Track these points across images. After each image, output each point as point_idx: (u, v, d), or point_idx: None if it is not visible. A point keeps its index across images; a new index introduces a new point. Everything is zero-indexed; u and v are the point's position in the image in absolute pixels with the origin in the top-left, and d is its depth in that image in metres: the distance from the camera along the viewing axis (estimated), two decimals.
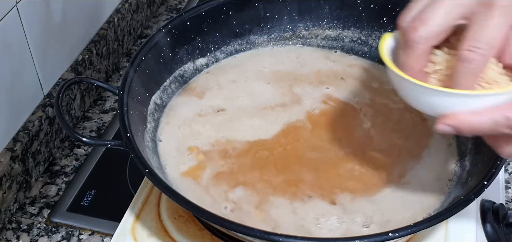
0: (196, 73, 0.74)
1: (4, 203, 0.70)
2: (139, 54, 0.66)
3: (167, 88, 0.70)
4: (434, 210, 0.58)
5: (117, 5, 0.95)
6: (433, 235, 0.59)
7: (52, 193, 0.75)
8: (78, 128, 0.84)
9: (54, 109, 0.60)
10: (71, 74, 0.83)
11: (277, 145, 0.65)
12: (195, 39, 0.73)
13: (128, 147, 0.56)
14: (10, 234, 0.71)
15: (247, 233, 0.50)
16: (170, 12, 1.08)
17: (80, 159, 0.80)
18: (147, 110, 0.66)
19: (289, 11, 0.77)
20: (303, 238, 0.50)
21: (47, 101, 0.78)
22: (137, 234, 0.60)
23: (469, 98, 0.47)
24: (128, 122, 0.59)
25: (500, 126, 0.46)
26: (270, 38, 0.78)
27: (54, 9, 0.78)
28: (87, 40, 0.88)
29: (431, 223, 0.51)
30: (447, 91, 0.47)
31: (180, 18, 0.71)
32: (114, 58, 0.94)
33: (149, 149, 0.62)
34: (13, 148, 0.71)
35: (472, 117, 0.47)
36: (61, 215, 0.72)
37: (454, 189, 0.60)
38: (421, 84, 0.48)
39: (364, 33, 0.76)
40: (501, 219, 0.59)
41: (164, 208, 0.62)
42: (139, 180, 0.66)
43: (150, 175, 0.54)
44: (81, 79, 0.68)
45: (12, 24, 0.71)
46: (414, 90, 0.49)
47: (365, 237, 0.49)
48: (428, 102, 0.49)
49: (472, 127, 0.47)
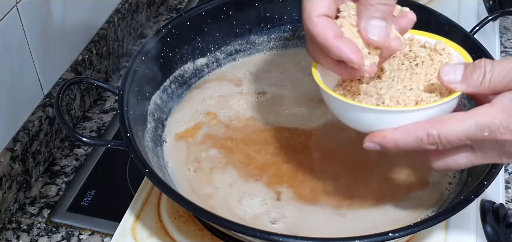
0: (196, 73, 0.74)
1: (4, 203, 0.70)
2: (139, 54, 0.66)
3: (167, 88, 0.70)
4: (434, 210, 0.58)
5: (117, 5, 0.95)
6: (433, 235, 0.59)
7: (52, 193, 0.75)
8: (78, 128, 0.84)
9: (54, 109, 0.60)
10: (71, 74, 0.83)
11: (304, 137, 0.66)
12: (195, 39, 0.73)
13: (128, 147, 0.56)
14: (10, 234, 0.71)
15: (247, 233, 0.50)
16: (170, 12, 1.08)
17: (80, 159, 0.80)
18: (147, 110, 0.66)
19: (289, 11, 0.77)
20: (303, 238, 0.50)
21: (47, 101, 0.78)
22: (137, 234, 0.60)
23: (391, 115, 0.48)
24: (128, 121, 0.59)
25: (423, 143, 0.47)
26: (270, 39, 0.78)
27: (54, 9, 0.78)
28: (87, 40, 0.88)
29: (431, 223, 0.51)
30: (371, 108, 0.48)
31: (180, 18, 0.71)
32: (114, 58, 0.94)
33: (149, 149, 0.62)
34: (13, 148, 0.71)
35: (397, 134, 0.47)
36: (61, 215, 0.72)
37: (454, 189, 0.60)
38: (346, 101, 0.50)
39: None
40: (501, 219, 0.59)
41: (164, 208, 0.62)
42: (139, 180, 0.66)
43: (150, 175, 0.54)
44: (81, 79, 0.68)
45: (12, 24, 0.71)
46: (342, 107, 0.51)
47: (365, 237, 0.49)
48: (354, 119, 0.50)
49: (397, 145, 0.48)
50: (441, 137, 0.46)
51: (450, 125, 0.46)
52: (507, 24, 0.99)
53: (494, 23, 0.86)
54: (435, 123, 0.46)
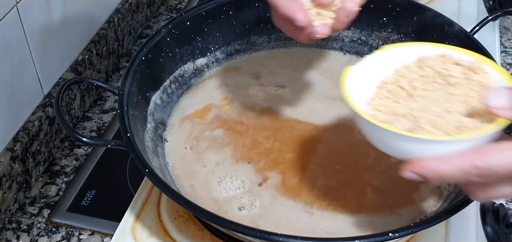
0: (196, 73, 0.74)
1: (4, 203, 0.70)
2: (139, 54, 0.66)
3: (167, 88, 0.70)
4: (434, 211, 0.58)
5: (117, 5, 0.95)
6: (433, 235, 0.59)
7: (52, 193, 0.75)
8: (78, 128, 0.84)
9: (54, 109, 0.60)
10: (71, 74, 0.83)
11: (316, 132, 0.67)
12: (195, 39, 0.73)
13: (128, 147, 0.56)
14: (10, 234, 0.71)
15: (247, 233, 0.50)
16: (170, 12, 1.08)
17: (80, 159, 0.80)
18: (147, 110, 0.66)
19: None
20: (303, 238, 0.50)
21: (47, 101, 0.78)
22: (137, 234, 0.60)
23: (434, 144, 0.44)
24: (128, 121, 0.59)
25: (470, 175, 0.43)
26: (270, 38, 0.78)
27: (54, 9, 0.78)
28: (87, 40, 0.88)
29: (431, 223, 0.51)
30: (411, 136, 0.44)
31: (180, 18, 0.71)
32: (114, 58, 0.94)
33: (149, 149, 0.62)
34: (13, 148, 0.71)
35: (439, 165, 0.44)
36: (61, 215, 0.72)
37: (454, 189, 0.60)
38: (385, 128, 0.45)
39: (364, 33, 0.76)
40: (501, 219, 0.59)
41: (164, 208, 0.62)
42: (139, 180, 0.66)
43: (150, 175, 0.54)
44: (81, 79, 0.68)
45: (12, 24, 0.71)
46: (378, 134, 0.46)
47: (365, 237, 0.49)
48: (392, 146, 0.46)
49: (440, 176, 0.44)
50: (490, 170, 0.43)
51: (499, 158, 0.42)
52: (507, 24, 0.99)
53: (494, 23, 0.86)
54: (483, 155, 0.43)
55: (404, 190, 0.61)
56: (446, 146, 0.44)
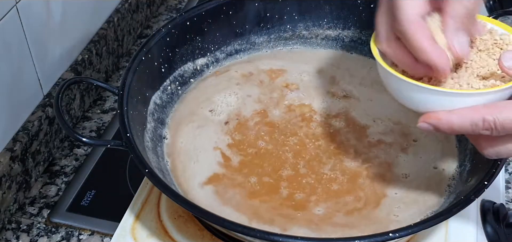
0: (196, 73, 0.74)
1: (4, 203, 0.70)
2: (139, 54, 0.66)
3: (167, 88, 0.70)
4: (434, 210, 0.58)
5: (117, 5, 0.94)
6: (433, 235, 0.59)
7: (51, 193, 0.75)
8: (78, 128, 0.84)
9: (54, 109, 0.60)
10: (71, 74, 0.83)
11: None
12: (195, 39, 0.73)
13: (128, 147, 0.56)
14: (9, 234, 0.71)
15: (247, 233, 0.50)
16: (170, 12, 1.08)
17: (80, 159, 0.80)
18: (147, 111, 0.66)
19: (289, 11, 0.77)
20: (303, 238, 0.50)
21: (46, 101, 0.78)
22: (137, 234, 0.60)
23: (450, 97, 0.48)
24: (128, 122, 0.59)
25: (478, 128, 0.47)
26: (270, 38, 0.78)
27: (54, 9, 0.78)
28: (87, 40, 0.88)
29: (431, 223, 0.51)
30: (429, 88, 0.49)
31: (180, 18, 0.71)
32: (114, 58, 0.94)
33: (149, 149, 0.62)
34: (13, 148, 0.71)
35: (452, 117, 0.48)
36: (61, 215, 0.72)
37: (454, 189, 0.59)
38: (405, 80, 0.50)
39: (364, 33, 0.76)
40: (501, 219, 0.59)
41: (164, 208, 0.62)
42: (139, 180, 0.66)
43: (150, 175, 0.54)
44: (81, 79, 0.68)
45: (12, 24, 0.71)
46: (399, 85, 0.51)
47: (365, 237, 0.49)
48: (411, 98, 0.51)
49: (452, 128, 0.48)
50: (497, 123, 0.46)
51: (507, 112, 0.46)
52: (508, 23, 0.99)
53: None
54: (492, 109, 0.46)
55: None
56: (459, 99, 0.48)
